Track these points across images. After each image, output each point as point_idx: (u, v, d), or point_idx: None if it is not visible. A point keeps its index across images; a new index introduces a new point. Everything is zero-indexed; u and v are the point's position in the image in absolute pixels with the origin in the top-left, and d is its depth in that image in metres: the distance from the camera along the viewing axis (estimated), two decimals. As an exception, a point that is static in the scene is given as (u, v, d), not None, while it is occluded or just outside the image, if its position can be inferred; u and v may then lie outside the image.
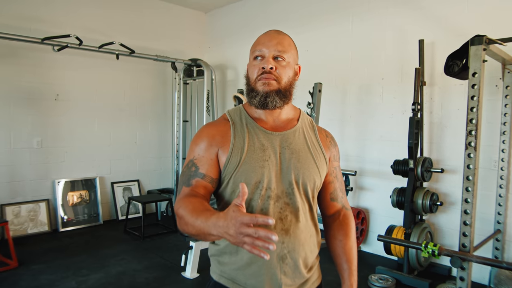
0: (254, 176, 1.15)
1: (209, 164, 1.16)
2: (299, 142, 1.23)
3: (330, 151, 1.31)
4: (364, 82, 4.04)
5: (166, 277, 3.28)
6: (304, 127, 1.28)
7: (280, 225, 1.15)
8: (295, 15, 4.62)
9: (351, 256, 1.28)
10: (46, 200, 4.46)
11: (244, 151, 1.16)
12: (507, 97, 3.07)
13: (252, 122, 1.22)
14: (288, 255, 1.16)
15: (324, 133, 1.34)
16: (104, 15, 4.85)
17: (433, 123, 3.56)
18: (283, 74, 1.18)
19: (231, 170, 1.16)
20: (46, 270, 3.36)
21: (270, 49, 1.18)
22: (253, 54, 1.21)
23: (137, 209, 5.11)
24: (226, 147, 1.17)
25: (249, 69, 1.23)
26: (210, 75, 5.03)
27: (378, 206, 3.96)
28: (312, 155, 1.23)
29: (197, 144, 1.20)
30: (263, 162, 1.16)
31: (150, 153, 5.44)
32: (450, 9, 3.42)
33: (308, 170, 1.20)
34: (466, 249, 2.37)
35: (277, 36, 1.21)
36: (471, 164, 2.38)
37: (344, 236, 1.30)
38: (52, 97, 4.51)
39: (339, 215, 1.33)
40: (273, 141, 1.20)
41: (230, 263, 1.19)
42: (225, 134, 1.20)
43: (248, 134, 1.20)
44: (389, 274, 3.31)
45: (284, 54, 1.19)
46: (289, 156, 1.19)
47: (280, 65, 1.18)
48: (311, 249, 1.23)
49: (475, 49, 2.35)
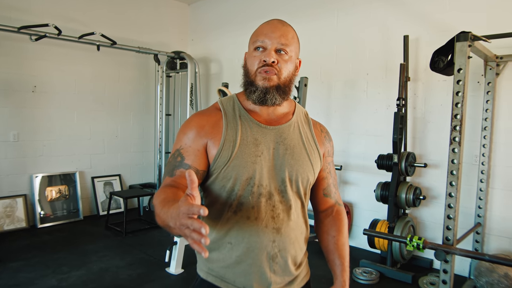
0: (246, 172, 1.10)
1: (195, 155, 1.11)
2: (294, 137, 1.19)
3: (324, 147, 1.27)
4: (349, 77, 4.06)
5: (150, 273, 3.23)
6: (299, 121, 1.24)
7: (272, 223, 1.12)
8: (281, 9, 4.59)
9: (343, 252, 1.26)
10: (23, 196, 4.31)
11: (236, 145, 1.11)
12: (488, 93, 3.13)
13: (246, 114, 1.17)
14: (278, 254, 1.14)
15: (319, 127, 1.30)
16: (84, 5, 4.69)
17: (416, 118, 3.61)
18: (284, 68, 1.13)
19: (221, 164, 1.10)
20: (25, 267, 3.26)
21: (273, 41, 1.11)
22: (254, 44, 1.14)
23: (118, 204, 5.01)
24: (217, 139, 1.11)
25: (248, 60, 1.16)
26: (193, 68, 4.96)
27: (362, 200, 4.00)
28: (306, 151, 1.19)
29: (184, 133, 1.14)
30: (255, 158, 1.11)
31: (132, 147, 5.33)
32: (433, 6, 3.46)
33: (302, 167, 1.17)
34: (450, 242, 2.41)
35: (281, 28, 1.14)
36: (455, 159, 2.41)
37: (337, 232, 1.28)
38: (29, 89, 4.35)
39: (332, 211, 1.31)
40: (267, 135, 1.15)
41: (219, 261, 1.15)
42: (216, 124, 1.14)
43: (241, 127, 1.14)
44: (373, 267, 3.35)
45: (287, 47, 1.13)
46: (283, 152, 1.15)
47: (282, 59, 1.12)
48: (300, 246, 1.21)
49: (461, 45, 2.37)
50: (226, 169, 1.10)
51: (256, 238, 1.11)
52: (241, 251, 1.12)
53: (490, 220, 3.20)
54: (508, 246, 3.12)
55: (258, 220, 1.11)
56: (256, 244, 1.11)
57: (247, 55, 1.18)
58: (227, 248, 1.13)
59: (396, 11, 3.70)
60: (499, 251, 3.15)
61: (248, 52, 1.18)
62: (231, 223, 1.12)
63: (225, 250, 1.14)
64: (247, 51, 1.20)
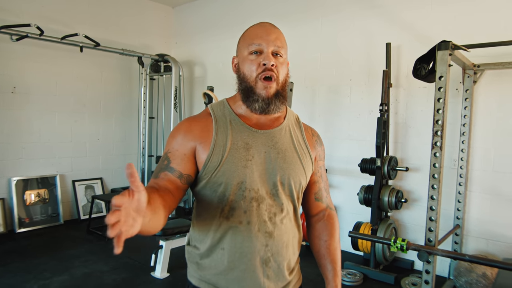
0: (236, 176, 1.09)
1: (181, 159, 1.10)
2: (285, 141, 1.18)
3: (316, 150, 1.27)
4: (332, 83, 4.14)
5: (135, 278, 3.19)
6: (290, 125, 1.23)
7: (264, 227, 1.11)
8: (265, 14, 4.64)
9: (335, 256, 1.25)
10: (1, 200, 4.19)
11: (226, 149, 1.10)
12: (466, 100, 3.26)
13: (237, 118, 1.16)
14: (271, 258, 1.13)
15: (311, 131, 1.30)
16: (67, 6, 4.62)
17: (398, 123, 3.71)
18: (280, 72, 1.13)
19: (212, 169, 1.09)
20: (4, 274, 3.16)
21: (269, 44, 1.11)
22: (249, 48, 1.12)
23: (100, 208, 4.93)
24: (207, 144, 1.10)
25: (243, 65, 1.14)
26: (178, 71, 4.95)
27: (345, 203, 4.08)
28: (298, 155, 1.19)
29: (173, 138, 1.13)
30: (246, 162, 1.10)
31: (114, 150, 5.26)
32: (415, 14, 3.58)
33: (294, 171, 1.16)
34: (432, 243, 2.50)
35: (275, 30, 1.15)
36: (437, 163, 2.51)
37: (328, 237, 1.27)
38: (9, 90, 4.24)
39: (324, 215, 1.30)
40: (258, 139, 1.14)
41: (211, 268, 1.14)
42: (206, 129, 1.13)
43: (232, 132, 1.13)
44: (356, 269, 3.42)
45: (282, 50, 1.13)
46: (275, 156, 1.14)
47: (278, 62, 1.12)
48: (294, 251, 1.20)
49: (442, 54, 2.48)
50: (216, 174, 1.09)
51: (248, 243, 1.10)
52: (233, 257, 1.11)
53: (468, 222, 3.32)
54: (485, 247, 3.24)
55: (251, 224, 1.10)
56: (249, 249, 1.10)
57: (241, 60, 1.15)
58: (219, 254, 1.12)
59: (379, 19, 3.81)
60: (477, 251, 3.27)
61: (241, 56, 1.15)
62: (224, 228, 1.11)
63: (218, 256, 1.13)
64: (237, 55, 1.18)
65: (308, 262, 1.28)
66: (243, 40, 1.16)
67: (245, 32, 1.18)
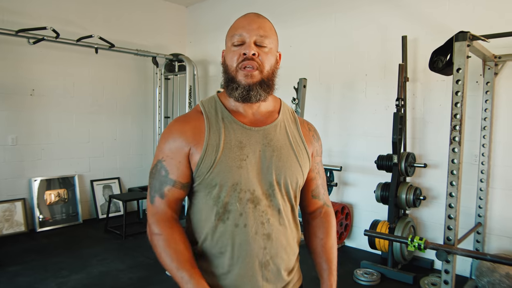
0: (231, 177, 1.05)
1: (177, 167, 1.07)
2: (280, 138, 1.14)
3: (312, 146, 1.22)
4: (347, 78, 4.06)
5: (151, 277, 3.21)
6: (285, 121, 1.19)
7: (261, 229, 1.08)
8: (279, 10, 4.60)
9: (331, 255, 1.22)
10: (22, 200, 4.29)
11: (219, 149, 1.06)
12: (487, 93, 3.13)
13: (229, 115, 1.11)
14: (270, 261, 1.09)
15: (307, 126, 1.25)
16: (82, 8, 4.69)
17: (415, 118, 3.61)
18: (266, 61, 1.08)
19: (205, 170, 1.05)
20: (24, 272, 3.24)
21: (251, 34, 1.07)
22: (232, 39, 1.09)
23: (117, 207, 4.99)
24: (200, 145, 1.06)
25: (227, 56, 1.11)
26: (192, 71, 4.96)
27: (362, 201, 4.00)
28: (294, 152, 1.14)
29: (165, 143, 1.09)
30: (240, 162, 1.06)
31: (130, 150, 5.32)
32: (432, 6, 3.47)
33: (290, 169, 1.12)
34: (451, 242, 2.41)
35: (257, 20, 1.10)
36: (456, 159, 2.41)
37: (324, 235, 1.24)
38: (28, 92, 4.34)
39: (320, 213, 1.27)
40: (252, 137, 1.10)
41: (209, 272, 1.11)
42: (198, 129, 1.09)
43: (224, 130, 1.09)
44: (373, 268, 3.34)
45: (266, 39, 1.09)
46: (270, 154, 1.10)
47: (262, 51, 1.08)
48: (293, 251, 1.17)
49: (460, 45, 2.38)
50: (210, 175, 1.06)
51: (246, 246, 1.07)
52: (231, 261, 1.08)
53: (490, 220, 3.20)
54: (509, 245, 3.11)
55: (247, 227, 1.07)
56: (247, 253, 1.07)
57: (225, 51, 1.13)
58: (217, 258, 1.09)
59: (394, 12, 3.70)
60: (500, 250, 3.14)
61: (225, 48, 1.14)
62: (220, 231, 1.08)
63: (216, 260, 1.10)
64: (225, 48, 1.15)
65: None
66: (229, 32, 1.13)
67: (232, 25, 1.15)
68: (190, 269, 1.00)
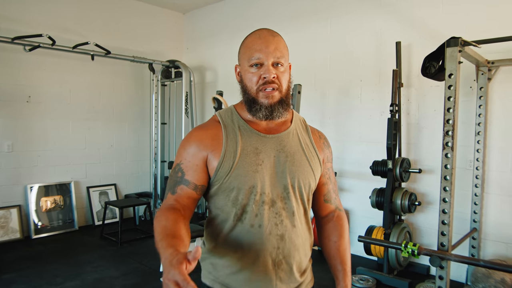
0: (248, 181, 1.12)
1: (194, 170, 1.14)
2: (293, 144, 1.21)
3: (323, 152, 1.29)
4: (343, 84, 4.07)
5: (145, 283, 3.19)
6: (297, 129, 1.26)
7: (275, 230, 1.14)
8: (274, 17, 4.62)
9: (345, 257, 1.28)
10: (17, 206, 4.28)
11: (237, 155, 1.13)
12: (481, 98, 3.14)
13: (245, 124, 1.19)
14: (283, 260, 1.15)
15: (318, 134, 1.33)
16: (78, 15, 4.71)
17: (410, 124, 3.61)
18: (283, 80, 1.16)
19: (223, 175, 1.13)
20: (18, 279, 3.22)
21: (268, 56, 1.13)
22: (250, 61, 1.15)
23: (114, 214, 4.98)
24: (218, 151, 1.14)
25: (245, 76, 1.17)
26: (188, 77, 4.97)
27: (358, 207, 3.99)
28: (306, 157, 1.21)
29: (185, 148, 1.16)
30: (256, 167, 1.14)
31: (127, 156, 5.31)
32: (426, 12, 3.48)
33: (303, 173, 1.19)
34: (445, 248, 2.40)
35: (273, 40, 1.16)
36: (448, 164, 2.41)
37: (338, 237, 1.29)
38: (24, 99, 4.35)
39: (333, 217, 1.32)
40: (267, 144, 1.18)
41: (224, 268, 1.16)
42: (216, 137, 1.16)
43: (241, 137, 1.17)
44: (369, 274, 3.32)
45: (282, 59, 1.15)
46: (284, 159, 1.17)
47: (279, 71, 1.15)
48: (305, 252, 1.22)
49: (451, 51, 2.39)
50: (228, 180, 1.13)
51: (260, 245, 1.13)
52: (246, 259, 1.14)
53: (486, 225, 3.19)
54: (504, 251, 3.10)
55: (262, 227, 1.13)
56: (261, 252, 1.13)
57: (242, 71, 1.19)
58: (232, 256, 1.15)
59: (388, 18, 3.72)
60: (496, 256, 3.13)
61: (242, 67, 1.19)
62: (236, 231, 1.15)
63: (231, 258, 1.15)
64: (239, 63, 1.21)
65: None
66: (243, 51, 1.19)
67: (244, 41, 1.21)
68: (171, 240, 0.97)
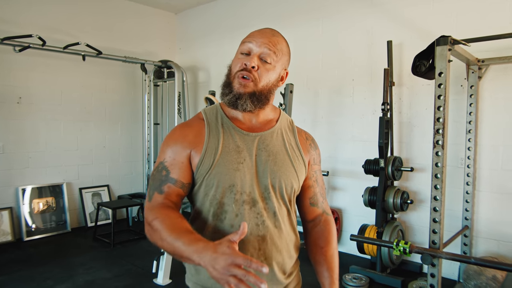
0: (228, 179, 1.10)
1: (179, 167, 1.11)
2: (276, 144, 1.18)
3: (309, 154, 1.26)
4: (335, 83, 4.07)
5: (137, 285, 3.17)
6: (283, 129, 1.24)
7: (256, 231, 1.11)
8: (266, 17, 4.61)
9: (332, 263, 1.23)
10: (9, 208, 4.24)
11: (218, 152, 1.11)
12: (471, 97, 3.15)
13: (228, 121, 1.17)
14: (265, 262, 1.12)
15: (304, 135, 1.29)
16: (69, 15, 4.67)
17: (402, 122, 3.62)
18: (263, 76, 1.13)
19: (204, 172, 1.10)
20: (9, 282, 3.19)
21: (259, 47, 1.12)
22: (241, 47, 1.15)
23: (107, 215, 4.95)
24: (200, 148, 1.12)
25: (233, 61, 1.17)
26: (181, 77, 4.95)
27: (351, 205, 3.99)
28: (289, 157, 1.18)
29: (168, 146, 1.14)
30: (237, 165, 1.11)
31: (120, 157, 5.28)
32: (417, 11, 3.49)
33: (285, 173, 1.16)
34: (436, 246, 2.41)
35: (270, 36, 1.15)
36: (439, 162, 2.42)
37: (325, 243, 1.25)
38: (14, 100, 4.30)
39: (320, 221, 1.28)
40: (249, 142, 1.15)
41: (205, 271, 1.11)
42: (199, 134, 1.14)
43: (223, 135, 1.14)
44: (362, 273, 3.33)
45: (272, 56, 1.13)
46: (266, 158, 1.14)
47: (264, 67, 1.13)
48: (289, 254, 1.19)
49: (441, 49, 2.39)
50: (208, 177, 1.10)
51: (241, 246, 1.09)
52: None
53: (477, 223, 3.20)
54: (496, 248, 3.12)
55: None
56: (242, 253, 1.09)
57: (234, 56, 1.18)
58: None
59: (380, 17, 3.73)
60: (488, 253, 3.15)
61: (235, 53, 1.18)
62: (216, 231, 1.11)
63: None
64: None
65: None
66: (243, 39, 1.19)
67: None
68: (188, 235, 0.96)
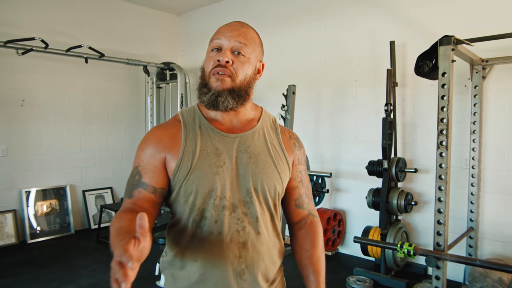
0: (207, 184, 1.04)
1: (152, 171, 1.05)
2: (258, 144, 1.12)
3: (293, 154, 1.19)
4: (338, 84, 4.05)
5: (140, 287, 3.17)
6: (265, 128, 1.17)
7: (237, 237, 1.06)
8: (269, 17, 4.60)
9: (318, 267, 1.18)
10: (12, 211, 4.25)
11: (195, 156, 1.05)
12: (476, 97, 3.12)
13: (206, 123, 1.11)
14: (246, 270, 1.07)
15: (288, 134, 1.22)
16: (71, 18, 4.69)
17: (405, 123, 3.60)
18: (240, 70, 1.07)
19: (181, 177, 1.05)
20: (12, 284, 3.19)
21: (229, 40, 1.07)
22: (211, 44, 1.10)
23: (110, 217, 4.95)
24: (176, 152, 1.06)
25: (205, 61, 1.11)
26: (183, 79, 4.95)
27: (354, 207, 3.97)
28: (272, 158, 1.12)
29: (142, 149, 1.08)
30: (216, 168, 1.05)
31: (123, 159, 5.29)
32: (420, 11, 3.47)
33: (267, 175, 1.09)
34: (441, 248, 2.38)
35: (239, 28, 1.10)
36: (443, 163, 2.39)
37: (311, 246, 1.20)
38: (18, 103, 4.32)
39: (306, 223, 1.23)
40: (229, 144, 1.09)
41: (184, 279, 1.09)
42: (174, 136, 1.08)
43: (201, 137, 1.08)
44: (366, 275, 3.30)
45: (245, 48, 1.08)
46: (247, 160, 1.08)
47: (238, 60, 1.07)
48: (273, 261, 1.13)
49: (444, 49, 2.37)
50: (186, 183, 1.05)
51: (220, 254, 1.05)
52: (205, 269, 1.06)
53: (482, 224, 3.17)
54: (501, 250, 3.08)
55: (222, 234, 1.05)
56: (221, 261, 1.05)
57: (205, 56, 1.13)
58: (192, 265, 1.07)
59: (382, 17, 3.71)
60: (493, 255, 3.11)
61: (206, 54, 1.13)
62: (195, 239, 1.07)
63: (190, 267, 1.08)
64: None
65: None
66: (211, 38, 1.13)
67: None
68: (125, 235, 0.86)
